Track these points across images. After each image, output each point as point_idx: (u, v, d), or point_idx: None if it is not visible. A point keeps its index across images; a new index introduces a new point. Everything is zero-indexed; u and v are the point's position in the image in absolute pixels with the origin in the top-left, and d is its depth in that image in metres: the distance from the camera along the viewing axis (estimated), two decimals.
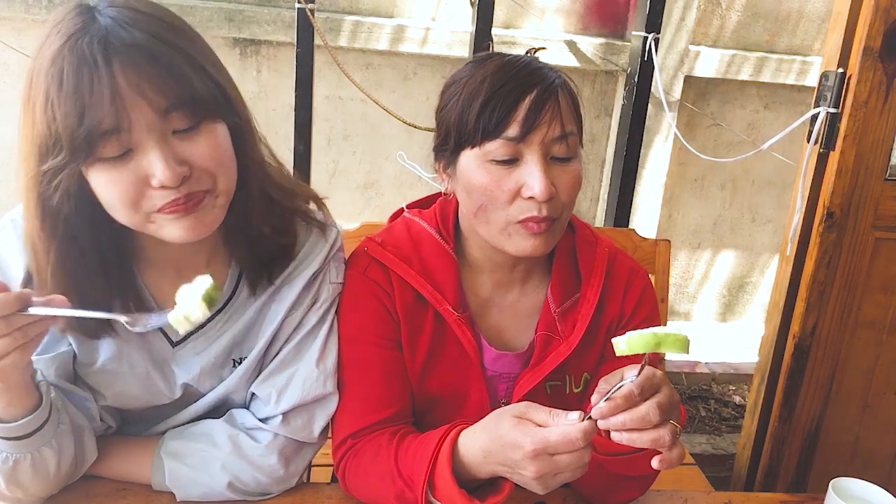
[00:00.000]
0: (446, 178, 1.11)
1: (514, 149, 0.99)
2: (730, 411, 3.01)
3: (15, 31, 2.51)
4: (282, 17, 2.61)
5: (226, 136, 0.92)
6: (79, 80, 0.80)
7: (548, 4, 2.87)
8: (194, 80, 0.86)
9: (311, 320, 1.09)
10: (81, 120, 0.81)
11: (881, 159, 1.75)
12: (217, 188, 0.92)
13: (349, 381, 1.10)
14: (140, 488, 1.06)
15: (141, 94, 0.83)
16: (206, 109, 0.88)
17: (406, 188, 2.98)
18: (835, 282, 1.84)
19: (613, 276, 1.15)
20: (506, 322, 1.16)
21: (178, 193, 0.87)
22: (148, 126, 0.84)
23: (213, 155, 0.90)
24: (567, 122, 1.01)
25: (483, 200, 1.02)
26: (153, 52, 0.83)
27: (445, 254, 1.13)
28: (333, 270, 1.12)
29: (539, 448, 0.86)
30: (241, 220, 1.00)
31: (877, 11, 1.64)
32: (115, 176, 0.85)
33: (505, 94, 0.99)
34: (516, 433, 0.88)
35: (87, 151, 0.82)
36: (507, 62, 1.03)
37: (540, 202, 0.99)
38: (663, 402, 0.84)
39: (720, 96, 3.12)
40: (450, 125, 1.05)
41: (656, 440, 0.83)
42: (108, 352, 1.02)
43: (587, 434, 0.85)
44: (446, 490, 0.94)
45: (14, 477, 0.94)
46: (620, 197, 2.36)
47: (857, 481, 1.06)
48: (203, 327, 1.06)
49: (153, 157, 0.85)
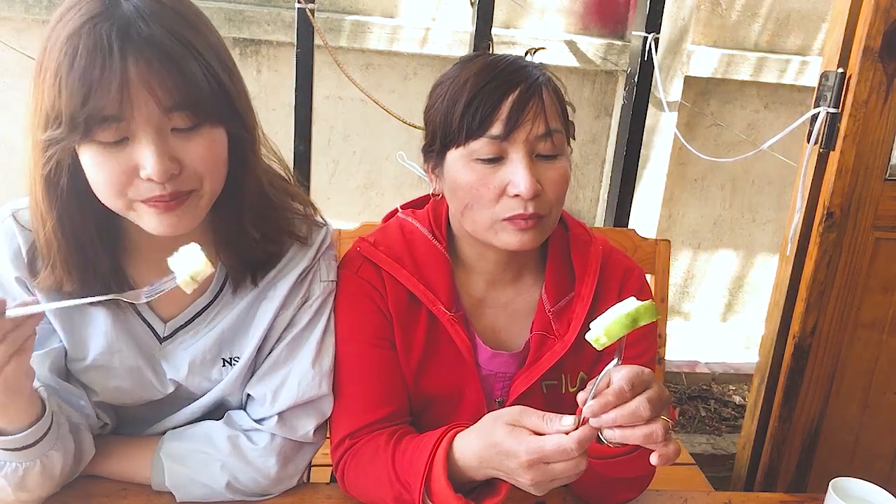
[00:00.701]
0: (434, 179, 1.11)
1: (499, 147, 1.00)
2: (730, 411, 3.01)
3: (15, 32, 2.51)
4: (282, 17, 2.61)
5: (223, 141, 0.92)
6: (90, 64, 0.81)
7: (548, 4, 2.87)
8: (203, 83, 0.87)
9: (303, 319, 1.09)
10: (85, 102, 0.81)
11: (881, 159, 1.75)
12: (202, 189, 0.92)
13: (345, 380, 1.10)
14: (140, 488, 1.06)
15: (148, 88, 0.83)
16: (208, 114, 0.89)
17: (406, 188, 2.98)
18: (835, 282, 1.84)
19: (608, 274, 1.15)
20: (500, 321, 1.16)
21: (164, 190, 0.88)
22: (148, 120, 0.85)
23: (205, 158, 0.90)
24: (552, 119, 1.01)
25: (469, 199, 1.02)
26: (168, 49, 0.84)
27: (438, 253, 1.13)
28: (324, 268, 1.12)
29: (534, 458, 0.87)
30: (232, 226, 1.00)
31: (877, 11, 1.63)
32: (106, 159, 0.86)
33: (488, 93, 0.99)
34: (511, 441, 0.88)
35: (84, 132, 0.83)
36: (490, 61, 1.04)
37: (525, 200, 0.99)
38: (653, 398, 0.84)
39: (720, 96, 3.12)
40: (436, 125, 1.06)
41: (648, 436, 0.84)
42: (99, 346, 1.02)
43: (582, 443, 0.85)
44: (443, 495, 0.94)
45: (24, 485, 0.95)
46: (620, 197, 2.36)
47: (857, 481, 1.06)
48: (191, 322, 1.06)
49: (147, 150, 0.85)
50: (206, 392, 1.09)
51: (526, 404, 1.11)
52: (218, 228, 1.01)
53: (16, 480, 0.93)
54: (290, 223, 1.08)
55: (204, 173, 0.91)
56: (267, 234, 1.04)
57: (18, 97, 2.57)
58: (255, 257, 1.04)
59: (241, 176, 0.97)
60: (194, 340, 1.06)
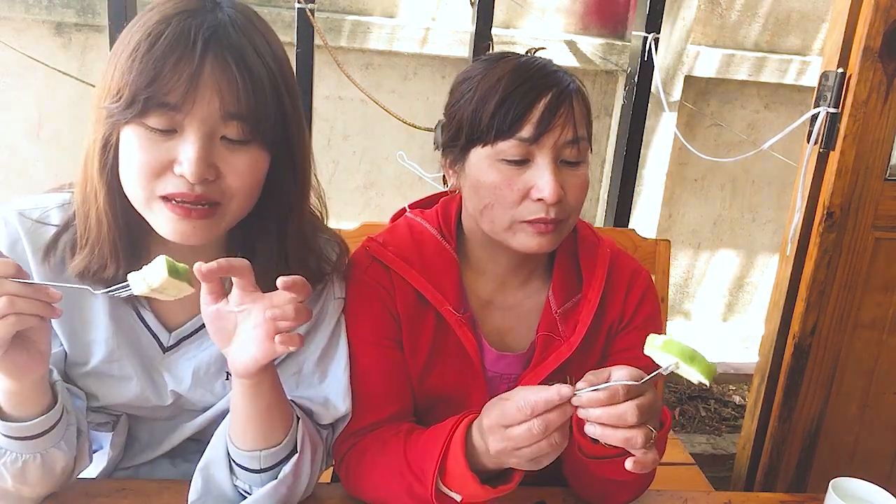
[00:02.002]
0: (453, 175, 1.11)
1: (526, 150, 1.00)
2: (730, 411, 3.01)
3: (15, 32, 2.51)
4: (282, 17, 2.61)
5: (265, 166, 0.93)
6: (170, 50, 0.83)
7: (548, 4, 2.87)
8: (269, 104, 0.88)
9: (322, 333, 1.07)
10: (152, 83, 0.83)
11: (881, 159, 1.75)
12: (228, 206, 0.91)
13: (350, 379, 1.10)
14: (140, 488, 1.06)
15: (216, 88, 0.85)
16: (263, 134, 0.89)
17: (406, 188, 2.98)
18: (835, 282, 1.84)
19: (615, 276, 1.15)
20: (507, 323, 1.16)
21: (192, 191, 0.87)
22: (204, 119, 0.86)
23: (244, 175, 0.90)
24: (580, 126, 1.02)
25: (491, 199, 1.02)
26: (248, 60, 0.86)
27: (447, 254, 1.13)
28: (337, 286, 1.11)
29: (493, 423, 0.88)
30: (272, 261, 0.99)
31: (877, 11, 1.64)
32: (147, 144, 0.86)
33: (521, 95, 0.99)
34: (490, 408, 0.90)
35: (140, 112, 0.84)
36: (523, 62, 1.03)
37: (549, 205, 1.00)
38: (643, 405, 0.84)
39: (720, 96, 3.12)
40: (462, 121, 1.04)
41: (627, 440, 0.84)
42: (100, 354, 1.01)
43: (537, 407, 0.84)
44: (459, 473, 0.94)
45: (23, 477, 0.94)
46: (620, 197, 2.36)
47: (857, 481, 1.06)
48: (196, 333, 1.05)
49: (192, 147, 0.85)
50: (210, 405, 1.08)
51: None
52: (255, 264, 0.95)
53: (14, 471, 0.92)
54: (321, 261, 1.07)
55: (236, 191, 0.90)
56: (302, 271, 1.00)
57: (19, 97, 2.57)
58: None
59: (285, 213, 0.97)
60: (199, 351, 1.05)
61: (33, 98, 2.57)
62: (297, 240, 1.00)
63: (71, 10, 2.49)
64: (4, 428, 0.89)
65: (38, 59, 2.30)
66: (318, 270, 1.05)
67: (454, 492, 0.95)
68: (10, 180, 2.63)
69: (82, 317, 1.01)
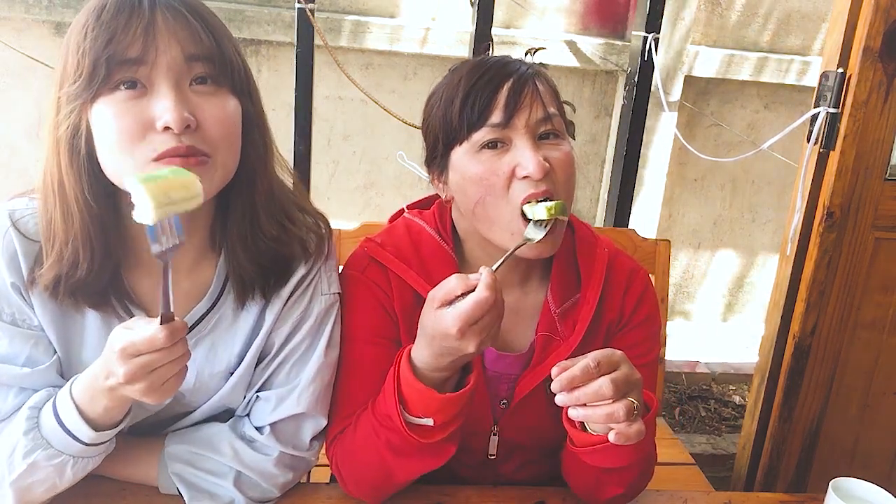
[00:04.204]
0: (442, 187, 1.12)
1: (501, 133, 1.02)
2: (730, 411, 3.01)
3: (15, 32, 2.51)
4: (282, 17, 2.61)
5: (238, 113, 0.93)
6: (118, 12, 0.85)
7: (548, 4, 2.87)
8: (225, 44, 0.91)
9: (304, 334, 1.07)
10: (108, 43, 0.84)
11: (881, 159, 1.75)
12: (216, 158, 0.90)
13: (343, 379, 1.10)
14: (140, 488, 1.06)
15: (173, 34, 0.87)
16: (227, 74, 0.91)
17: (406, 188, 2.98)
18: (835, 282, 1.84)
19: (613, 276, 1.16)
20: (506, 323, 1.15)
21: (180, 142, 0.86)
22: (169, 67, 0.86)
23: (222, 121, 0.90)
24: (549, 104, 1.04)
25: (481, 192, 1.03)
26: (198, 8, 0.90)
27: (445, 254, 1.13)
28: (325, 281, 1.09)
29: (428, 300, 0.92)
30: (245, 220, 0.99)
31: (877, 11, 1.64)
32: (122, 111, 0.86)
33: (483, 85, 1.02)
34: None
35: (104, 78, 0.84)
36: (480, 60, 1.08)
37: (536, 180, 1.00)
38: (618, 378, 0.86)
39: (720, 96, 3.12)
40: (437, 130, 1.07)
41: (610, 415, 0.86)
42: (92, 361, 0.99)
43: (471, 282, 0.88)
44: (417, 395, 0.94)
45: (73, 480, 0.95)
46: (620, 197, 2.37)
47: (857, 481, 1.06)
48: (189, 332, 1.04)
49: (165, 98, 0.86)
50: (203, 402, 1.07)
51: (531, 405, 1.12)
52: (229, 226, 0.99)
53: (74, 474, 0.94)
54: (302, 232, 1.06)
55: (220, 139, 0.90)
56: (279, 237, 1.02)
57: (18, 97, 2.57)
58: (265, 263, 1.02)
59: (253, 169, 0.97)
60: (192, 349, 1.05)
61: (33, 98, 2.57)
62: (266, 198, 1.00)
63: (71, 10, 2.49)
64: (96, 437, 0.92)
65: (38, 59, 2.31)
66: (292, 235, 1.05)
67: (423, 418, 0.96)
68: (10, 180, 2.63)
69: (73, 325, 1.00)
